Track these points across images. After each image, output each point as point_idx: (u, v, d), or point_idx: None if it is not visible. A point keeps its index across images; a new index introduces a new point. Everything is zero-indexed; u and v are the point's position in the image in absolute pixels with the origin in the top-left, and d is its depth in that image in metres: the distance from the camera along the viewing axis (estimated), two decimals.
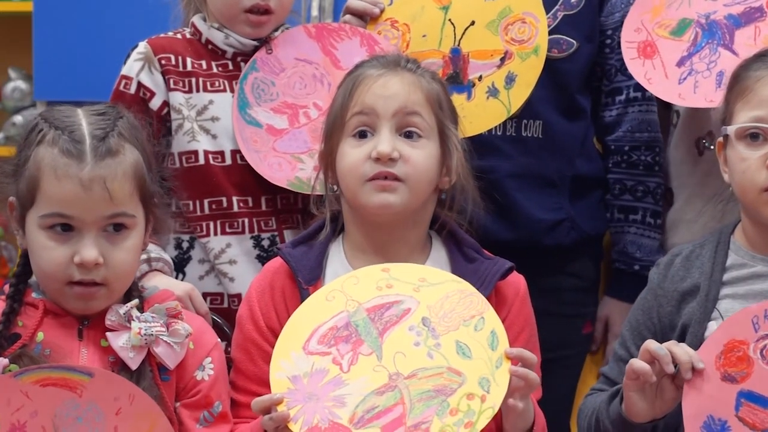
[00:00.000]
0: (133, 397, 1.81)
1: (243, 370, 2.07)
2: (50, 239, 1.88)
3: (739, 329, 1.93)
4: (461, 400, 1.83)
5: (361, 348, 1.90)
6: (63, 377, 1.79)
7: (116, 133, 1.91)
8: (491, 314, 1.92)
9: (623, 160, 2.54)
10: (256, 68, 2.40)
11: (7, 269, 4.16)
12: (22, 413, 1.78)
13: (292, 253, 2.11)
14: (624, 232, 2.52)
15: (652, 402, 1.96)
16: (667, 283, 2.12)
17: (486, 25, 2.40)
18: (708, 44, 2.35)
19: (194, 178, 2.38)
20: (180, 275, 2.40)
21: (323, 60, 2.42)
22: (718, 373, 1.91)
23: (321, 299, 1.97)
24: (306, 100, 2.42)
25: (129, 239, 1.91)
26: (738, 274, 2.08)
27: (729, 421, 1.89)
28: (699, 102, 2.32)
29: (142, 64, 2.39)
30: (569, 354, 2.51)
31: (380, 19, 2.44)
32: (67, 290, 1.90)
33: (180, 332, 1.93)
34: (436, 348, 1.89)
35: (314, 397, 1.86)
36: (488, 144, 2.40)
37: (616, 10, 2.51)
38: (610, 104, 2.53)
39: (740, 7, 2.35)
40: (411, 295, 1.95)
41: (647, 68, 2.37)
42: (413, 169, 2.06)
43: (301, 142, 2.39)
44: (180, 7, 2.52)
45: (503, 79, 2.37)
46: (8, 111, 4.16)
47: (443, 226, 2.15)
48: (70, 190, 1.86)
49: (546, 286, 2.36)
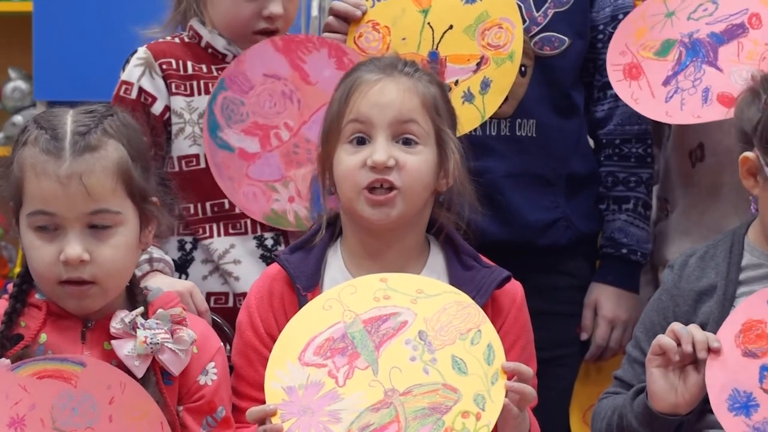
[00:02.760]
0: (124, 386, 1.83)
1: (243, 375, 2.07)
2: (38, 238, 1.88)
3: (755, 310, 1.97)
4: (456, 418, 1.82)
5: (357, 361, 1.89)
6: (57, 368, 1.81)
7: (99, 129, 1.90)
8: (488, 327, 1.91)
9: (615, 153, 2.53)
10: (225, 87, 2.38)
11: (7, 269, 4.17)
12: (20, 407, 1.80)
13: (290, 260, 2.11)
14: (615, 220, 2.52)
15: (674, 386, 1.97)
16: (683, 283, 2.12)
17: (463, 30, 2.39)
18: (692, 62, 2.36)
19: (196, 182, 2.37)
20: (183, 276, 2.40)
21: (292, 75, 2.40)
22: (739, 350, 1.95)
23: (318, 308, 1.96)
24: (277, 119, 2.39)
25: (116, 236, 1.90)
26: (755, 274, 2.08)
27: (754, 392, 1.92)
28: (687, 119, 2.33)
29: (142, 70, 2.38)
30: (565, 353, 2.51)
31: (362, 21, 2.43)
32: (60, 290, 1.90)
33: (185, 339, 1.92)
34: (432, 363, 1.88)
35: (309, 410, 1.85)
36: (483, 144, 2.39)
37: (606, 5, 2.51)
38: (602, 99, 2.53)
39: (722, 25, 2.36)
40: (408, 307, 1.94)
41: (633, 89, 2.38)
42: (409, 176, 2.05)
43: (275, 168, 2.38)
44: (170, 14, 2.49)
45: (479, 84, 2.37)
46: (8, 111, 4.19)
47: (441, 229, 2.15)
48: (49, 187, 1.86)
49: (541, 285, 2.36)
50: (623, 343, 2.49)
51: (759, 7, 2.36)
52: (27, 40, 3.73)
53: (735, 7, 2.38)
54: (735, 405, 1.92)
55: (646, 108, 2.37)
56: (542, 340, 2.16)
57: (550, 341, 2.31)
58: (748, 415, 1.90)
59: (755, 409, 1.91)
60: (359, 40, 2.43)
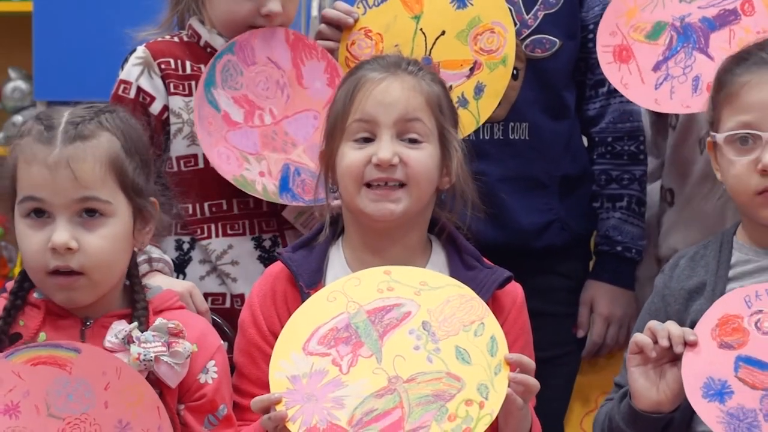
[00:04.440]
0: (120, 371, 1.83)
1: (246, 374, 2.07)
2: (28, 227, 1.89)
3: (732, 306, 1.97)
4: (460, 405, 1.83)
5: (361, 350, 1.90)
6: (51, 355, 1.80)
7: (95, 121, 1.92)
8: (491, 320, 1.92)
9: (607, 151, 2.56)
10: (233, 51, 2.39)
11: (7, 269, 4.16)
12: (15, 393, 1.79)
13: (292, 258, 2.12)
14: (609, 218, 2.54)
15: (655, 384, 1.98)
16: (674, 283, 2.14)
17: (456, 35, 2.41)
18: (683, 48, 2.35)
19: (194, 182, 2.38)
20: (181, 276, 2.40)
21: (290, 70, 2.42)
22: (715, 342, 1.94)
23: (322, 300, 1.97)
24: (264, 103, 2.41)
25: (106, 227, 1.90)
26: (744, 270, 2.10)
27: (729, 380, 1.91)
28: (676, 108, 2.34)
29: (141, 69, 2.39)
30: (562, 353, 2.52)
31: (354, 28, 2.44)
32: (48, 281, 1.89)
33: (181, 353, 1.92)
34: (435, 352, 1.89)
35: (313, 397, 1.86)
36: (477, 149, 2.38)
37: (595, 5, 2.52)
38: (594, 97, 2.55)
39: (714, 10, 2.36)
40: (412, 298, 1.95)
41: (623, 73, 2.37)
42: (414, 171, 2.07)
43: (251, 143, 2.38)
44: (167, 13, 2.49)
45: (473, 89, 2.39)
46: (8, 111, 4.18)
47: (443, 229, 2.16)
48: (38, 173, 1.87)
49: (537, 287, 2.37)
50: (620, 340, 2.52)
51: None
52: (27, 40, 3.73)
53: None
54: (709, 392, 1.91)
55: (636, 94, 2.37)
56: (539, 340, 2.17)
57: (547, 341, 2.32)
58: (722, 401, 1.90)
59: (729, 396, 1.90)
60: (352, 47, 2.45)
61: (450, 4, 2.42)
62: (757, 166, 2.02)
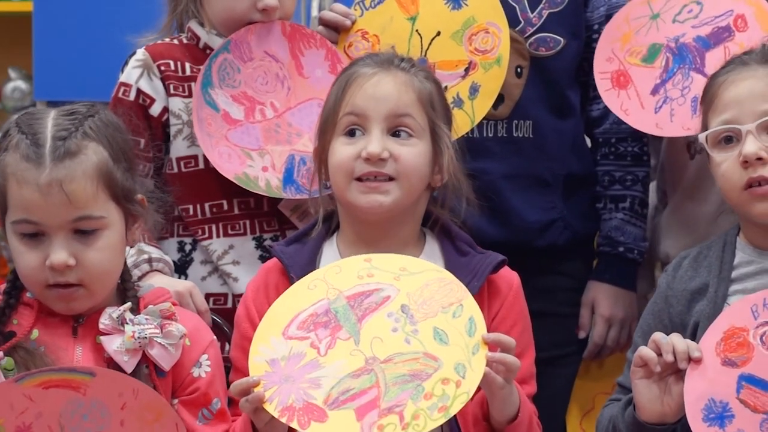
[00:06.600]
0: (137, 392, 1.81)
1: (240, 368, 2.07)
2: (23, 245, 1.90)
3: (738, 317, 1.95)
4: (436, 384, 1.84)
5: (339, 333, 1.91)
6: (65, 378, 1.79)
7: (80, 132, 1.91)
8: (470, 301, 1.93)
9: (611, 152, 2.55)
10: (228, 49, 2.41)
11: (6, 269, 4.17)
12: (26, 415, 1.77)
13: (284, 251, 2.13)
14: (611, 218, 2.53)
15: (660, 397, 1.97)
16: (677, 284, 2.13)
17: (451, 36, 2.42)
18: (680, 69, 2.36)
19: (194, 183, 2.40)
20: (182, 277, 2.41)
21: (289, 62, 2.44)
22: (719, 358, 1.94)
23: (303, 288, 1.99)
24: (265, 97, 2.42)
25: (102, 239, 1.91)
26: (746, 271, 2.09)
27: (730, 403, 1.90)
28: (677, 131, 2.34)
29: (141, 71, 2.40)
30: (563, 353, 2.51)
31: (351, 30, 2.46)
32: (47, 293, 1.91)
33: (174, 334, 1.93)
34: (413, 334, 1.90)
35: (290, 378, 1.88)
36: (480, 146, 2.42)
37: (600, 5, 2.52)
38: (597, 98, 2.52)
39: (708, 28, 2.36)
40: (391, 283, 1.96)
41: (622, 99, 2.39)
42: (404, 166, 2.08)
43: (254, 139, 2.40)
44: (166, 17, 2.51)
45: (468, 89, 2.39)
46: (8, 111, 4.18)
47: (436, 222, 2.17)
48: (30, 196, 1.87)
49: (539, 287, 2.37)
50: (621, 341, 2.51)
51: (744, 7, 2.36)
52: (27, 40, 3.73)
53: (720, 9, 2.37)
54: (710, 415, 1.91)
55: (637, 120, 2.37)
56: (541, 340, 2.17)
57: (549, 342, 2.32)
58: (722, 426, 1.89)
59: (730, 420, 1.89)
60: (349, 49, 2.46)
61: (445, 4, 2.44)
62: (740, 159, 2.02)
